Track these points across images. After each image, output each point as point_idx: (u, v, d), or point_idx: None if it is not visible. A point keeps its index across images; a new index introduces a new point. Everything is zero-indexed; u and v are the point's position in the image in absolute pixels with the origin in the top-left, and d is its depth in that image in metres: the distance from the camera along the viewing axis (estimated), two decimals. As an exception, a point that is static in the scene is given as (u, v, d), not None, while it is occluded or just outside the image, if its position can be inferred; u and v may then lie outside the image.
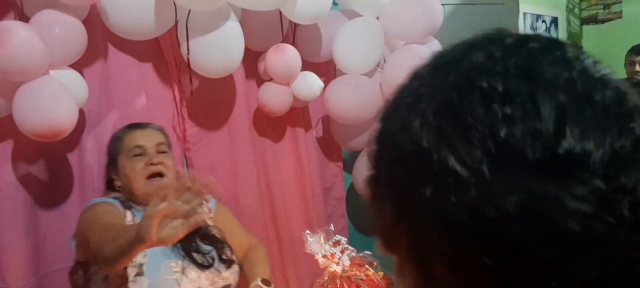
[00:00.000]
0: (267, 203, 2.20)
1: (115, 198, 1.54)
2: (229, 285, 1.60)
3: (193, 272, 1.49)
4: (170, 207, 1.09)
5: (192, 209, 1.11)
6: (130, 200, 1.53)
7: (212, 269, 1.54)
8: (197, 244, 1.56)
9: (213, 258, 1.56)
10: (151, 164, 1.48)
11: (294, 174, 2.29)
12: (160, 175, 1.49)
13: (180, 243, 1.47)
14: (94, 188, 1.71)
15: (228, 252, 1.63)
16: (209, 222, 1.69)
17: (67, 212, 1.69)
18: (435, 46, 2.24)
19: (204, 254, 1.55)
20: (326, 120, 2.47)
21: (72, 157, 1.72)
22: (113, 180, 1.56)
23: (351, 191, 2.60)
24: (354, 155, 2.58)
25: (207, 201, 1.68)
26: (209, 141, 2.03)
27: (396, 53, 2.10)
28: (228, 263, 1.60)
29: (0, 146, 1.58)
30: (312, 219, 2.29)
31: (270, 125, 2.23)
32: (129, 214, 1.52)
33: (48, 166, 1.67)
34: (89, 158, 1.72)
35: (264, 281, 1.61)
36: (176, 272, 1.46)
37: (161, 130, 1.60)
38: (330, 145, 2.48)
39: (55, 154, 1.68)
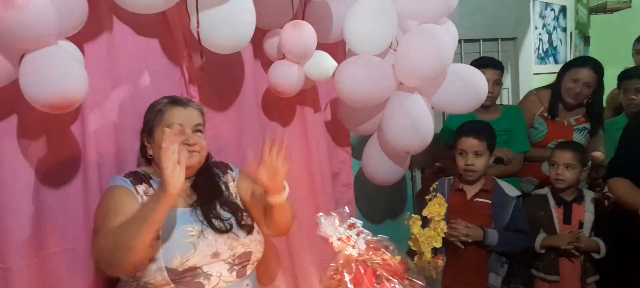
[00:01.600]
0: (275, 187, 2.13)
1: (132, 174, 1.53)
2: (250, 252, 1.58)
3: (210, 236, 1.49)
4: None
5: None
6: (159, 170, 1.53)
7: (230, 234, 1.53)
8: (217, 210, 1.56)
9: (231, 224, 1.56)
10: (188, 144, 1.52)
11: (302, 159, 2.22)
12: (193, 150, 1.54)
13: (199, 208, 1.51)
14: (97, 167, 1.63)
15: (248, 220, 1.63)
16: (232, 189, 1.68)
17: (70, 191, 1.62)
18: (450, 27, 2.18)
19: (222, 220, 1.54)
20: (334, 104, 2.41)
21: (75, 135, 1.64)
22: (146, 148, 1.59)
23: (359, 177, 2.54)
24: (363, 140, 2.53)
25: (230, 169, 1.72)
26: (217, 123, 1.96)
27: (410, 33, 2.03)
28: (248, 229, 1.59)
29: (3, 119, 1.49)
30: (320, 205, 2.23)
31: (278, 107, 2.16)
32: (141, 188, 1.51)
33: (50, 143, 1.59)
34: (93, 137, 1.64)
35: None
36: (192, 235, 1.46)
37: (200, 109, 1.64)
38: (339, 129, 2.42)
39: (58, 131, 1.61)
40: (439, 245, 1.84)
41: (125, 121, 1.71)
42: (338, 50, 2.27)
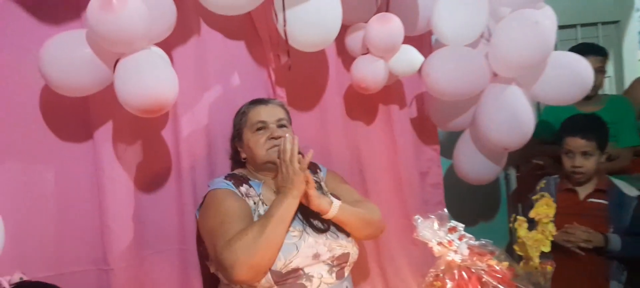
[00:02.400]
0: (360, 188, 2.05)
1: (231, 177, 1.55)
2: (348, 253, 1.54)
3: (310, 237, 1.47)
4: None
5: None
6: (255, 170, 1.60)
7: (328, 235, 1.50)
8: (315, 211, 1.51)
9: (329, 224, 1.53)
10: (273, 138, 1.54)
11: (387, 158, 2.13)
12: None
13: (299, 210, 1.49)
14: (190, 170, 1.64)
15: None
16: (324, 188, 1.65)
17: (165, 194, 1.65)
18: (548, 12, 1.99)
19: (321, 220, 1.52)
20: (420, 99, 2.29)
21: (167, 139, 1.67)
22: (239, 152, 1.63)
23: (448, 177, 2.40)
24: (452, 136, 2.38)
25: (319, 168, 1.70)
26: (302, 123, 1.92)
27: (507, 20, 1.87)
28: (345, 232, 1.56)
29: (100, 126, 1.53)
30: (409, 207, 2.12)
31: (362, 105, 2.08)
32: (243, 189, 1.52)
33: (145, 147, 1.63)
34: (185, 140, 1.66)
35: (333, 195, 1.58)
36: (294, 236, 1.45)
37: (282, 105, 1.66)
38: (426, 126, 2.30)
39: (151, 136, 1.65)
40: (547, 249, 1.66)
41: (215, 123, 1.72)
42: (423, 42, 2.15)
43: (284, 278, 1.41)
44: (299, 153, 1.46)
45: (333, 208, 1.50)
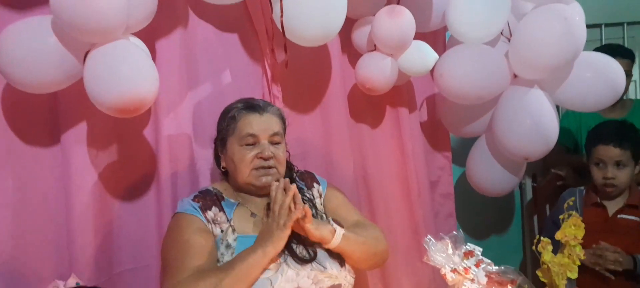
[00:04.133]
0: (365, 198, 1.89)
1: (202, 197, 1.34)
2: (338, 285, 1.32)
3: (291, 270, 1.26)
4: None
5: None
6: (233, 187, 1.40)
7: (314, 265, 1.28)
8: (300, 235, 1.30)
9: (315, 252, 1.30)
10: (262, 158, 1.33)
11: (395, 165, 1.97)
12: (269, 168, 1.35)
13: None
14: (170, 180, 1.47)
15: None
16: (319, 207, 1.45)
17: (143, 205, 1.49)
18: (576, 8, 1.79)
19: (306, 246, 1.30)
20: (432, 102, 2.12)
21: (147, 143, 1.50)
22: (220, 158, 1.41)
23: (459, 186, 2.22)
24: (464, 143, 2.20)
25: (317, 182, 1.50)
26: (301, 125, 1.76)
27: (531, 15, 1.69)
28: (338, 258, 1.33)
29: (71, 127, 1.36)
30: (417, 219, 1.96)
31: (368, 107, 1.92)
32: (210, 214, 1.31)
33: (121, 152, 1.47)
34: (167, 145, 1.49)
35: (337, 222, 1.36)
36: (270, 270, 1.23)
37: (279, 114, 1.43)
38: (437, 131, 2.13)
39: (129, 139, 1.48)
40: (574, 275, 1.47)
41: (201, 127, 1.55)
42: (436, 39, 2.00)
43: None
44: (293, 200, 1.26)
45: (336, 238, 1.29)
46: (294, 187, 1.25)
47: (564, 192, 2.03)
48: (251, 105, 1.37)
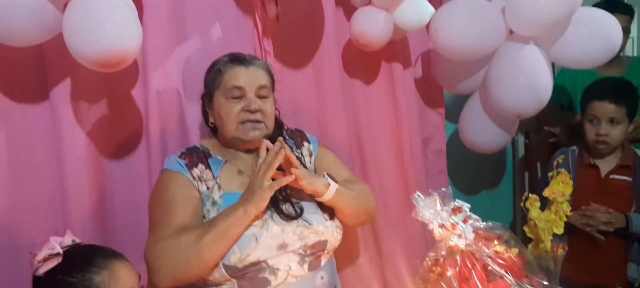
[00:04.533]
0: (357, 155, 1.89)
1: (188, 154, 1.33)
2: (325, 241, 1.32)
3: (276, 226, 1.26)
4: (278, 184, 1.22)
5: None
6: (222, 143, 1.38)
7: (300, 221, 1.28)
8: (287, 191, 1.31)
9: (301, 208, 1.30)
10: (248, 111, 1.31)
11: (388, 122, 1.96)
12: (256, 122, 1.33)
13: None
14: (160, 136, 1.46)
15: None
16: (308, 165, 1.45)
17: (133, 161, 1.48)
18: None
19: (292, 203, 1.30)
20: (426, 58, 2.09)
21: (136, 99, 1.47)
22: (208, 114, 1.39)
23: (451, 143, 2.22)
24: (458, 100, 2.19)
25: (307, 140, 1.49)
26: (293, 81, 1.73)
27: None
28: (330, 212, 1.35)
29: (57, 84, 1.33)
30: (409, 175, 1.97)
31: (362, 62, 1.88)
32: (196, 171, 1.31)
33: (111, 108, 1.44)
34: (156, 101, 1.47)
35: (330, 176, 1.35)
36: (255, 226, 1.23)
37: (266, 68, 1.39)
38: (431, 88, 2.11)
39: (118, 95, 1.45)
40: (560, 231, 1.50)
41: (191, 82, 1.52)
42: (432, -8, 1.93)
43: (242, 272, 1.23)
44: (280, 168, 1.25)
45: (329, 191, 1.29)
46: (285, 148, 1.23)
47: (556, 152, 2.04)
48: (237, 58, 1.34)
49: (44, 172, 1.35)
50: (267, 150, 1.25)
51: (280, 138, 1.27)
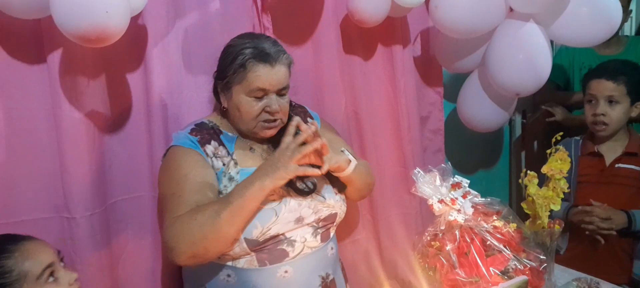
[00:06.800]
0: (355, 132, 1.89)
1: (198, 130, 1.33)
2: (335, 213, 1.40)
3: (293, 200, 1.31)
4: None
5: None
6: (232, 125, 1.38)
7: (314, 195, 1.35)
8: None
9: (314, 184, 1.37)
10: (268, 112, 1.31)
11: (386, 100, 1.96)
12: (274, 120, 1.34)
13: None
14: (161, 110, 1.45)
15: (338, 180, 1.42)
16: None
17: (133, 136, 1.47)
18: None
19: (304, 180, 1.35)
20: (426, 35, 2.08)
21: (136, 74, 1.46)
22: (220, 96, 1.37)
23: (448, 122, 2.23)
24: (456, 79, 2.19)
25: (310, 116, 1.52)
26: (292, 57, 1.70)
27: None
28: (340, 187, 1.42)
29: (57, 57, 1.32)
30: (406, 153, 1.97)
31: (361, 39, 1.87)
32: (210, 149, 1.31)
33: (110, 83, 1.42)
34: (155, 76, 1.45)
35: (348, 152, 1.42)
36: (274, 201, 1.28)
37: (288, 64, 1.35)
38: (430, 66, 2.10)
39: (117, 69, 1.43)
40: (557, 207, 1.50)
41: (189, 55, 1.51)
42: (432, -30, 1.91)
43: (262, 245, 1.26)
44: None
45: (350, 166, 1.35)
46: (314, 126, 1.25)
47: (559, 142, 2.02)
48: (263, 54, 1.28)
49: (44, 143, 1.33)
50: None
51: (313, 121, 1.29)
